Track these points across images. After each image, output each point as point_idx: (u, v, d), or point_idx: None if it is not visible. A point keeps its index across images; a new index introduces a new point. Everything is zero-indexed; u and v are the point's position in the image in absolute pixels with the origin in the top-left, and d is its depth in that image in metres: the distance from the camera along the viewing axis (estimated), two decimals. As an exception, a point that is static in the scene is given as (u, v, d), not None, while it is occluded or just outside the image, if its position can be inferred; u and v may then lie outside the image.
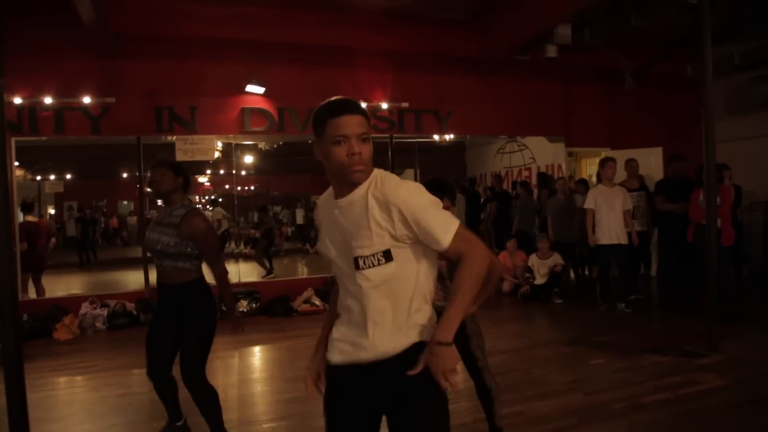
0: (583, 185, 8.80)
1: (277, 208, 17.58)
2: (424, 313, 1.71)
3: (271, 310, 7.03)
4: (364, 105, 7.39)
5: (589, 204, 6.49)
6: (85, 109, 6.57)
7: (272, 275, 9.19)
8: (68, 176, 13.75)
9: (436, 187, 2.37)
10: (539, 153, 10.69)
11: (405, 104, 7.89)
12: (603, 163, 6.57)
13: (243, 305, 6.95)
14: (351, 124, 1.66)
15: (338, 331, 1.78)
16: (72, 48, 6.40)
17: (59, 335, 6.05)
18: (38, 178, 13.44)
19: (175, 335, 3.08)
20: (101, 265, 13.15)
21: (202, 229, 3.07)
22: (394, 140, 8.17)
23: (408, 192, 1.63)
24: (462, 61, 8.03)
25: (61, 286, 8.57)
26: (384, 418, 1.74)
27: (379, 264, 1.64)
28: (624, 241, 6.38)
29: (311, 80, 7.42)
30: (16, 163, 12.31)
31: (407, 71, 7.87)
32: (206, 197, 15.14)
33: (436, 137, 9.63)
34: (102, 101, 6.60)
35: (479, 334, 2.94)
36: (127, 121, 6.74)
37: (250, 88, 7.17)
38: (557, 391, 4.00)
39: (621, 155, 7.56)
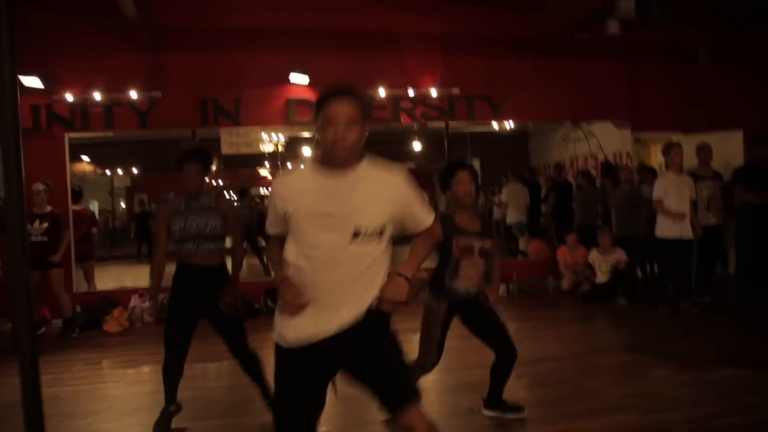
0: (652, 174, 8.12)
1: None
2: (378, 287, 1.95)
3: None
4: (411, 92, 7.08)
5: (658, 193, 5.89)
6: (132, 104, 6.63)
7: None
8: (135, 170, 14.23)
9: None
10: (606, 140, 9.97)
11: (456, 90, 7.49)
12: (668, 149, 5.97)
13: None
14: (341, 113, 1.86)
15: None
16: (119, 44, 6.46)
17: (109, 327, 6.16)
18: (107, 172, 14.02)
19: (194, 320, 3.33)
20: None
21: (234, 209, 3.50)
22: (450, 130, 7.83)
23: (407, 184, 1.99)
24: (516, 42, 7.52)
25: (119, 278, 8.81)
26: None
27: (376, 237, 1.91)
28: (692, 235, 5.78)
29: (357, 68, 7.17)
30: (87, 159, 12.95)
31: (457, 55, 7.47)
32: (269, 189, 15.28)
33: (495, 125, 9.21)
34: (149, 95, 6.64)
35: None
36: (173, 115, 6.75)
37: (294, 77, 7.01)
38: (610, 407, 3.57)
39: (694, 140, 6.86)
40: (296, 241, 1.92)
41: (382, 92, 7.23)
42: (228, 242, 3.49)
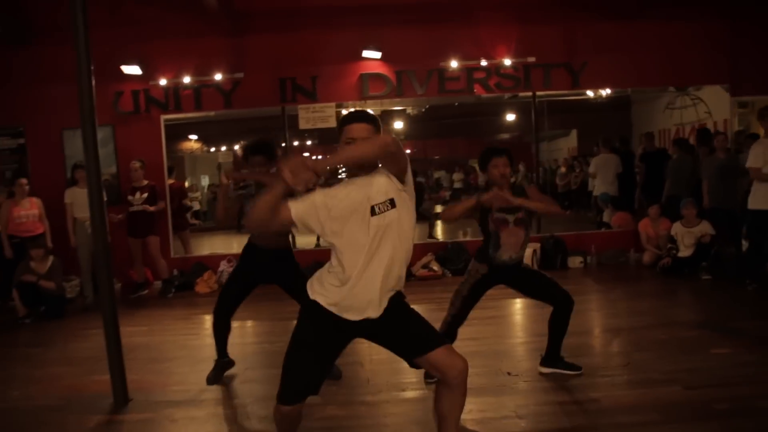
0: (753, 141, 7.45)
1: (441, 173, 17.68)
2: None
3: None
4: (485, 63, 7.04)
5: (754, 162, 5.43)
6: (218, 85, 7.18)
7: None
8: (236, 147, 15.23)
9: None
10: (717, 107, 9.20)
11: (531, 59, 7.30)
12: (763, 113, 5.46)
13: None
14: (357, 130, 2.16)
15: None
16: (204, 30, 7.01)
17: (200, 289, 6.85)
18: (213, 149, 15.14)
19: (247, 292, 3.77)
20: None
21: None
22: (544, 99, 7.64)
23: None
24: (596, 5, 7.15)
25: (220, 246, 9.64)
26: None
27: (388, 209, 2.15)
28: None
29: (429, 40, 7.22)
30: (194, 137, 14.03)
31: (533, 23, 7.26)
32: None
33: (590, 93, 8.86)
34: (232, 77, 7.15)
35: None
36: (255, 94, 7.23)
37: (367, 53, 7.19)
38: (652, 380, 3.49)
39: None
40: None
41: (454, 64, 7.22)
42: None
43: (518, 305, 5.47)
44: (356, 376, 3.76)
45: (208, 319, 5.70)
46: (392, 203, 2.11)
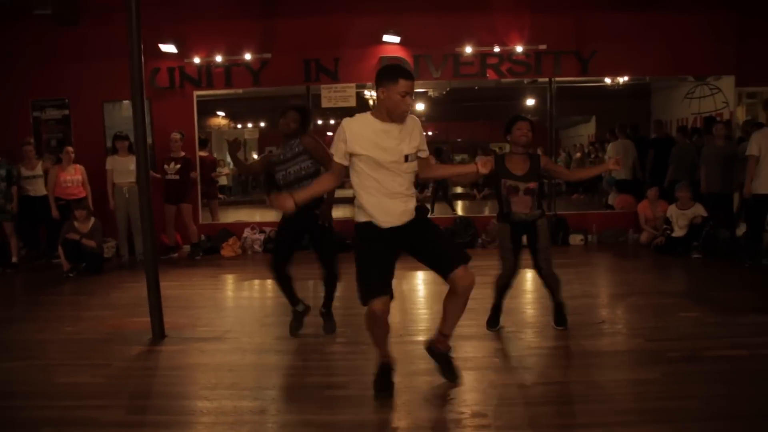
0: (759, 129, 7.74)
1: (462, 156, 18.01)
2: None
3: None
4: (497, 49, 7.43)
5: (752, 150, 5.81)
6: (247, 64, 7.71)
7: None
8: (262, 124, 15.82)
9: None
10: (733, 97, 9.43)
11: (542, 46, 7.66)
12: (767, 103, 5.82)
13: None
14: (412, 86, 2.77)
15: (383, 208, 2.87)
16: (236, 12, 7.54)
17: (225, 252, 7.47)
18: (239, 126, 15.72)
19: (297, 241, 4.07)
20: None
21: (314, 143, 3.94)
22: (561, 84, 7.99)
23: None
24: (607, -5, 7.48)
25: (244, 216, 10.25)
26: None
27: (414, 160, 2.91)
28: None
29: (446, 26, 7.63)
30: (222, 113, 14.58)
31: (545, 12, 7.60)
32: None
33: (608, 80, 9.16)
34: (260, 57, 7.68)
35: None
36: (281, 74, 7.75)
37: (387, 37, 7.64)
38: (619, 334, 3.98)
39: None
40: (366, 171, 2.83)
41: (468, 49, 7.63)
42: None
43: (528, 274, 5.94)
44: (361, 323, 4.29)
45: (231, 278, 6.41)
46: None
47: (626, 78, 9.01)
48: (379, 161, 2.80)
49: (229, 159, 16.36)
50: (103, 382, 3.31)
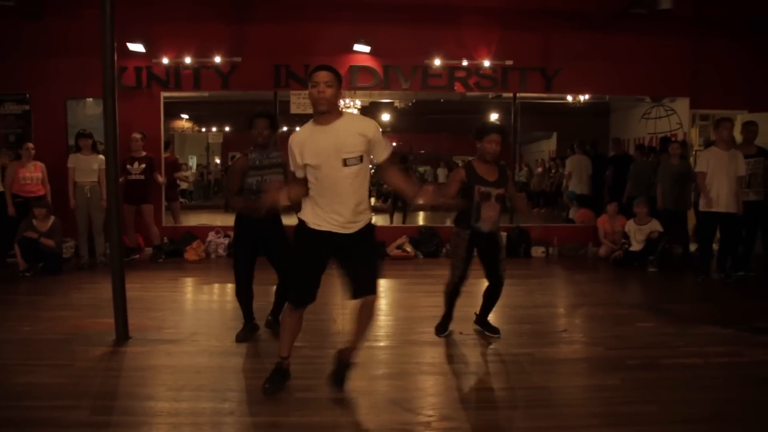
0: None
1: (425, 168, 18.18)
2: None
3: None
4: (465, 63, 7.61)
5: (701, 167, 6.08)
6: (217, 67, 7.65)
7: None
8: (227, 129, 15.63)
9: None
10: (687, 118, 9.88)
11: (509, 62, 7.88)
12: (718, 123, 6.13)
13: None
14: (325, 76, 2.78)
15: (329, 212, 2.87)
16: (206, 15, 7.49)
17: (188, 256, 7.35)
18: (203, 129, 15.51)
19: (254, 258, 4.03)
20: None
21: None
22: (524, 101, 8.21)
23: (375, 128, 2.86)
24: (572, 16, 7.74)
25: (217, 221, 10.08)
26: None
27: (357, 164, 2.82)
28: (734, 210, 5.96)
29: (416, 38, 7.76)
30: (185, 116, 14.36)
31: (513, 29, 7.82)
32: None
33: (569, 98, 9.46)
34: (231, 60, 7.63)
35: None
36: (251, 78, 7.72)
37: (358, 47, 7.71)
38: (581, 342, 4.11)
39: (762, 119, 6.88)
40: (310, 173, 2.83)
41: (437, 62, 7.78)
42: None
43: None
44: (329, 329, 4.31)
45: (195, 281, 6.31)
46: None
47: (587, 96, 9.35)
48: (314, 165, 2.80)
49: (191, 163, 16.17)
50: (65, 383, 3.22)
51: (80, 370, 3.43)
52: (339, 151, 2.76)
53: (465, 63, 7.83)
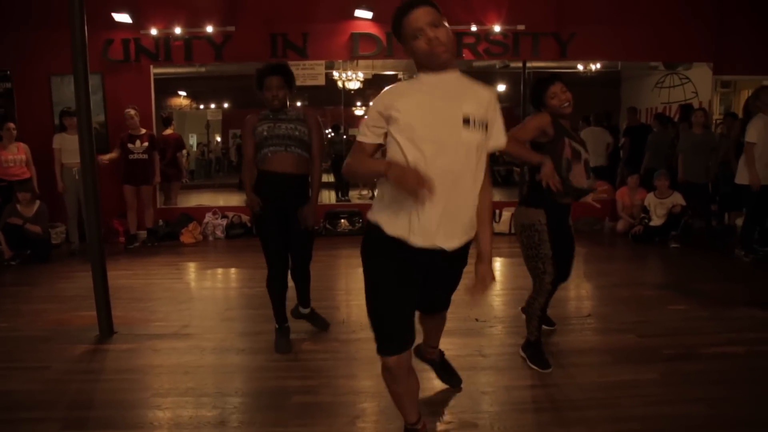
0: (733, 119, 7.65)
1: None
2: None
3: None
4: (474, 28, 7.13)
5: (750, 137, 5.51)
6: (209, 37, 7.17)
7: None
8: (226, 105, 15.15)
9: None
10: (702, 87, 9.37)
11: (521, 27, 7.37)
12: (758, 92, 5.62)
13: (344, 225, 7.34)
14: (421, 16, 1.88)
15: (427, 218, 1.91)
16: (196, -20, 6.97)
17: (184, 239, 6.99)
18: (201, 107, 15.04)
19: (286, 236, 3.35)
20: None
21: (320, 123, 3.40)
22: (534, 71, 7.72)
23: (496, 99, 2.01)
24: (588, -24, 7.22)
25: (219, 201, 9.72)
26: None
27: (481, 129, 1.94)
28: None
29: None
30: (183, 93, 13.93)
31: (525, -10, 7.30)
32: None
33: (580, 67, 8.98)
34: (223, 30, 7.15)
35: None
36: (245, 49, 7.23)
37: (359, 12, 7.21)
38: (609, 329, 3.73)
39: None
40: (405, 140, 1.87)
41: (444, 28, 7.27)
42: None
43: (496, 263, 5.69)
44: (332, 318, 3.95)
45: (191, 266, 5.98)
46: None
47: (598, 65, 8.83)
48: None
49: (191, 141, 15.75)
50: (37, 389, 2.88)
51: (56, 374, 3.09)
52: (460, 105, 1.94)
53: (474, 28, 7.33)
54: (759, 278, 5.07)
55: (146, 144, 6.60)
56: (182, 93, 13.83)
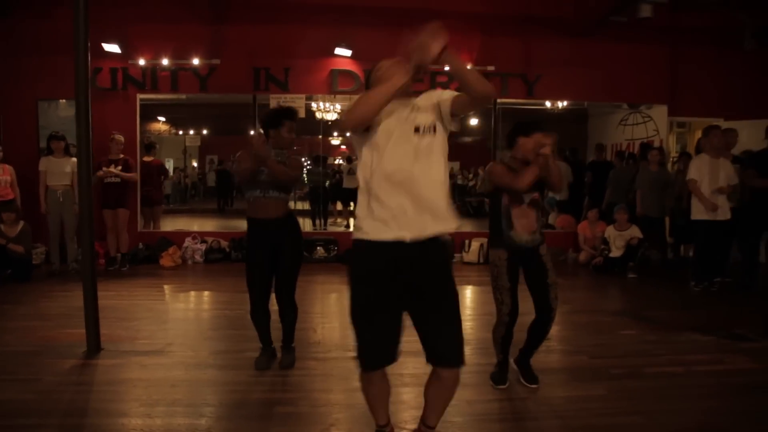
0: (687, 158, 8.21)
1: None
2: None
3: (346, 258, 7.60)
4: (447, 68, 7.51)
5: (692, 174, 6.00)
6: (195, 69, 7.49)
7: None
8: (205, 132, 15.39)
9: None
10: (664, 126, 9.99)
11: (491, 68, 7.86)
12: (707, 131, 6.13)
13: (321, 252, 7.60)
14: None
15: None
16: (184, 16, 7.34)
17: (164, 262, 7.16)
18: (180, 133, 15.26)
19: (271, 271, 3.53)
20: (235, 213, 14.46)
21: (298, 161, 3.58)
22: (504, 106, 8.18)
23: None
24: (553, 23, 7.77)
25: (184, 226, 9.91)
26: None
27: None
28: (723, 217, 5.93)
29: (397, 43, 7.64)
30: (162, 119, 14.12)
31: (494, 35, 7.81)
32: (340, 160, 15.24)
33: (548, 104, 9.50)
34: (209, 63, 7.48)
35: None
36: (229, 81, 7.58)
37: (339, 50, 7.63)
38: (565, 351, 4.07)
39: (736, 126, 6.96)
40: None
41: (419, 67, 7.72)
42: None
43: (467, 291, 6.02)
44: (309, 339, 4.20)
45: (173, 288, 6.15)
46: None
47: (566, 103, 9.41)
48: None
49: (168, 165, 15.85)
50: (32, 399, 3.07)
51: (48, 385, 3.28)
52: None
53: (446, 68, 7.76)
54: (704, 306, 5.49)
55: (119, 168, 6.77)
56: (161, 118, 14.04)
